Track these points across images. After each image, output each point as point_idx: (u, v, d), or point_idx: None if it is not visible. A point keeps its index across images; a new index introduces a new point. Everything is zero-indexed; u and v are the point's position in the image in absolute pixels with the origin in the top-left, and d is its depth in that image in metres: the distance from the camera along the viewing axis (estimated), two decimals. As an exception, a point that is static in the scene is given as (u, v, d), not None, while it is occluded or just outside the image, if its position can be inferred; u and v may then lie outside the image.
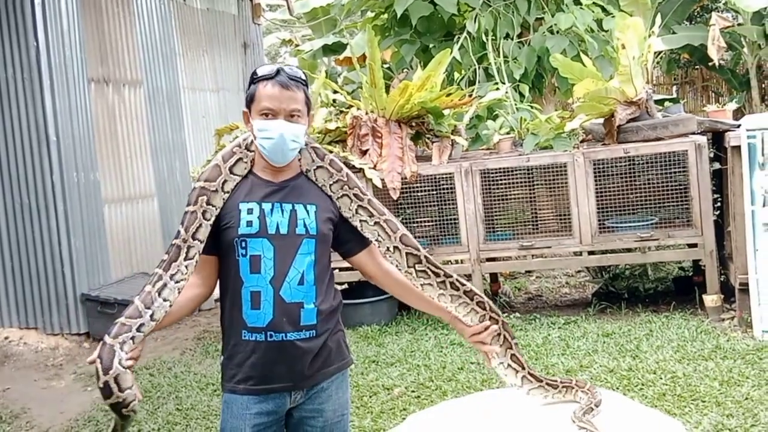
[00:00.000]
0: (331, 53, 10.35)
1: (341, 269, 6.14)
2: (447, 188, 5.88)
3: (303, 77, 2.20)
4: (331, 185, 2.27)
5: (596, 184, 5.56)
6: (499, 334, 2.31)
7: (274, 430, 2.23)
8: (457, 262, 6.10)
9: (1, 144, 6.20)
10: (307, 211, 2.19)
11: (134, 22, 7.28)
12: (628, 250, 5.70)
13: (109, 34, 6.99)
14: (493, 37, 7.13)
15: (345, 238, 2.31)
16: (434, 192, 5.98)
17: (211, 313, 7.11)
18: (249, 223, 2.15)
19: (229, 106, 8.73)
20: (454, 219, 5.92)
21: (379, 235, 2.28)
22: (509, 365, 2.35)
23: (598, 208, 5.57)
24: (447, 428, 2.41)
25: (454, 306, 2.30)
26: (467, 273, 6.15)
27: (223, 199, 2.20)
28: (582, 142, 5.87)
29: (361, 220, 2.27)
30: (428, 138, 6.03)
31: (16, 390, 5.32)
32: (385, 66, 7.56)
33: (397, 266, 2.30)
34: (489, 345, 2.30)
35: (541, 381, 2.42)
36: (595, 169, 5.55)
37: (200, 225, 2.16)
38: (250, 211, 2.16)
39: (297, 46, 12.40)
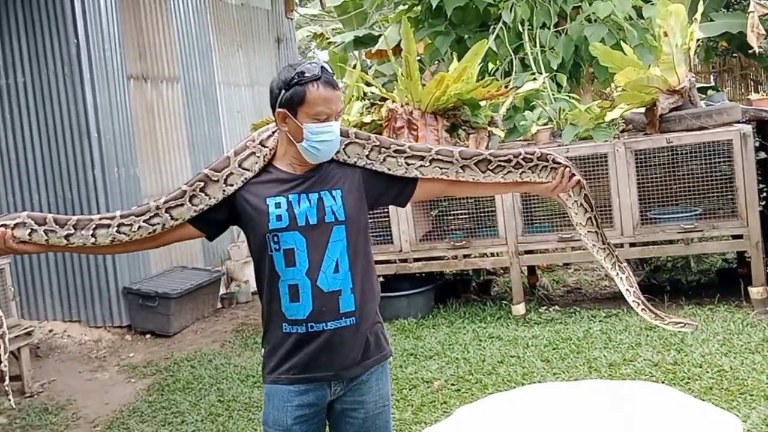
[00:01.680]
0: (362, 46, 10.31)
1: (376, 262, 6.13)
2: (483, 180, 5.82)
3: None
4: (368, 155, 2.27)
5: (638, 175, 5.46)
6: (573, 175, 2.37)
7: (316, 421, 2.23)
8: (493, 254, 6.06)
9: (44, 139, 6.32)
10: (333, 197, 2.18)
11: (171, 19, 7.35)
12: (671, 241, 5.59)
13: (147, 31, 7.07)
14: (530, 27, 7.04)
15: (393, 192, 2.33)
16: (470, 184, 5.93)
17: (248, 306, 7.18)
18: (279, 218, 2.14)
19: (263, 101, 8.77)
20: (491, 211, 5.86)
21: (441, 169, 2.32)
22: (581, 204, 2.46)
23: (640, 199, 5.47)
24: (496, 422, 2.39)
25: (535, 175, 2.37)
26: (505, 266, 6.12)
27: (223, 191, 2.20)
28: (622, 132, 5.76)
29: (417, 168, 2.30)
30: (464, 130, 5.98)
31: (62, 382, 5.43)
32: (418, 58, 7.50)
33: (473, 179, 2.35)
34: (568, 188, 2.40)
35: (598, 230, 2.54)
36: (636, 159, 5.46)
37: (181, 205, 2.20)
38: (278, 206, 2.16)
39: (327, 39, 12.39)
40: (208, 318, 6.84)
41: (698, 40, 10.70)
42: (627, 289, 2.57)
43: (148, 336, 6.34)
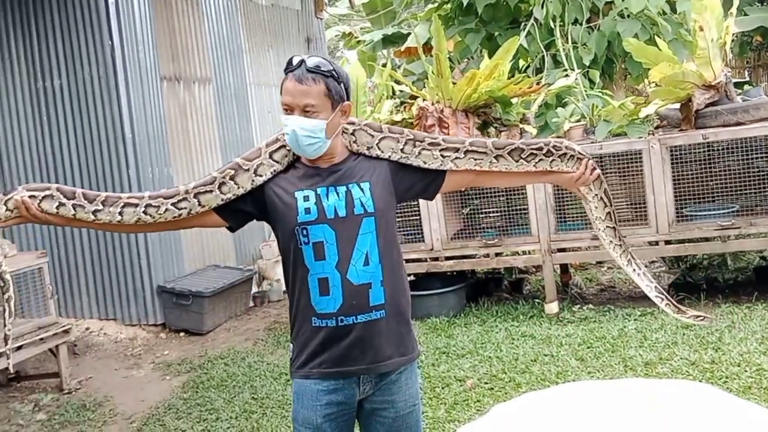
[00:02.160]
0: (390, 44, 10.31)
1: (407, 260, 6.14)
2: (516, 178, 5.78)
3: (325, 69, 2.13)
4: (402, 148, 2.27)
5: (673, 172, 5.38)
6: (594, 168, 2.43)
7: (346, 419, 2.23)
8: (526, 253, 6.02)
9: (80, 140, 6.43)
10: (362, 189, 2.18)
11: (203, 20, 7.43)
12: (707, 239, 5.50)
13: (180, 33, 7.15)
14: (561, 23, 6.97)
15: (422, 184, 2.33)
16: (502, 181, 5.90)
17: (280, 304, 7.23)
18: (307, 210, 2.14)
19: (294, 101, 8.81)
20: (524, 209, 5.83)
21: (476, 160, 2.33)
22: (601, 198, 2.51)
23: (676, 196, 5.39)
24: (531, 421, 2.36)
25: (563, 164, 2.41)
26: (537, 264, 6.07)
27: (252, 181, 2.21)
28: (657, 128, 5.69)
29: (452, 160, 2.31)
30: (495, 127, 5.95)
31: (98, 379, 5.51)
32: (448, 56, 7.47)
33: (506, 169, 2.38)
34: (590, 181, 2.44)
35: (615, 226, 2.58)
36: (672, 155, 5.38)
37: (210, 191, 2.20)
38: (306, 198, 2.16)
39: (356, 38, 12.41)
40: (240, 316, 6.90)
41: (733, 34, 10.53)
42: (647, 285, 2.59)
43: (181, 334, 6.42)
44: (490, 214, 6.14)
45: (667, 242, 5.53)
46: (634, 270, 2.60)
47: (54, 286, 5.86)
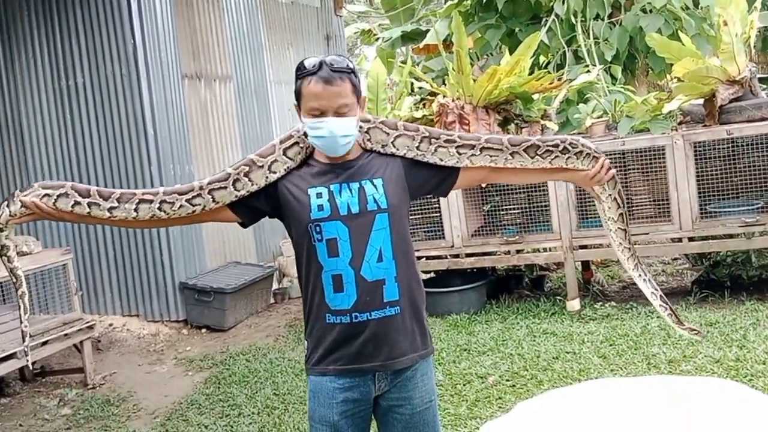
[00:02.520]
0: (409, 42, 10.29)
1: (428, 257, 6.14)
2: (537, 174, 5.75)
3: (348, 66, 2.14)
4: (418, 146, 2.26)
5: (697, 168, 5.33)
6: (610, 168, 2.43)
7: (362, 416, 2.23)
8: (547, 250, 5.99)
9: (103, 138, 6.50)
10: (375, 186, 2.17)
11: (224, 18, 7.47)
12: (731, 236, 5.43)
13: (201, 31, 7.19)
14: (583, 18, 6.92)
15: (435, 181, 2.32)
16: (523, 178, 5.87)
17: (300, 301, 7.20)
18: (320, 207, 2.14)
19: (313, 98, 8.83)
20: (545, 206, 5.80)
21: (491, 157, 2.32)
22: (615, 198, 2.51)
23: (699, 193, 5.34)
24: (555, 418, 2.36)
25: (579, 162, 2.40)
26: (558, 261, 6.04)
27: (266, 177, 2.20)
28: (680, 124, 5.63)
29: (468, 157, 2.30)
30: (517, 123, 5.92)
31: (122, 374, 5.57)
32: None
33: (521, 165, 2.37)
34: (605, 180, 2.44)
35: (626, 228, 2.57)
36: (695, 151, 5.33)
37: (224, 188, 2.20)
38: (319, 195, 2.15)
39: (374, 35, 12.42)
40: (261, 313, 6.93)
41: (757, 29, 10.39)
42: (653, 292, 2.58)
43: (203, 330, 6.47)
44: (511, 211, 6.11)
45: (691, 239, 5.48)
46: (640, 275, 2.59)
47: (78, 282, 5.93)
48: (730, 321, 5.00)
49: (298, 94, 2.16)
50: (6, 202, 2.19)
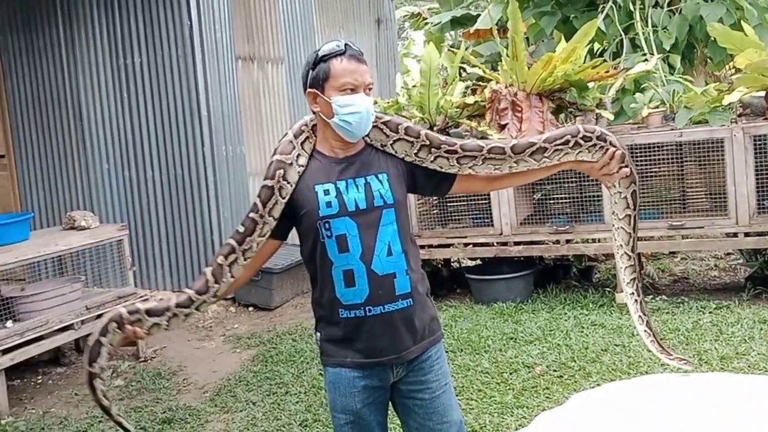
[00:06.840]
0: (459, 26, 10.21)
1: (475, 245, 6.11)
2: (589, 164, 5.68)
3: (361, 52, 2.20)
4: (417, 153, 2.24)
5: (756, 161, 5.20)
6: (625, 165, 2.31)
7: (382, 401, 2.27)
8: (596, 240, 5.91)
9: (158, 118, 6.62)
10: (380, 181, 2.19)
11: (277, 1, 7.51)
12: (790, 232, 5.30)
13: (255, 13, 7.25)
14: (641, 6, 6.77)
15: (430, 185, 2.31)
16: (575, 167, 5.80)
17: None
18: (328, 204, 2.15)
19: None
20: (597, 196, 5.72)
21: (494, 165, 2.28)
22: (625, 197, 2.40)
23: (758, 187, 5.21)
24: (613, 411, 2.35)
25: (591, 155, 2.30)
26: (608, 252, 5.95)
27: (298, 172, 2.19)
28: (739, 116, 5.49)
29: (470, 167, 2.26)
30: (571, 112, 5.84)
31: (172, 349, 5.70)
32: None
33: (526, 169, 2.31)
34: (616, 173, 2.31)
35: (632, 234, 2.47)
36: (755, 145, 5.19)
37: (276, 202, 2.17)
38: (326, 192, 2.16)
39: (424, 19, 12.33)
40: (306, 293, 7.01)
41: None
42: (640, 316, 2.48)
43: (250, 309, 6.57)
44: (562, 200, 6.05)
45: (747, 234, 5.35)
46: (633, 294, 2.49)
47: (131, 258, 6.08)
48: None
49: (325, 76, 2.15)
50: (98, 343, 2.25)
